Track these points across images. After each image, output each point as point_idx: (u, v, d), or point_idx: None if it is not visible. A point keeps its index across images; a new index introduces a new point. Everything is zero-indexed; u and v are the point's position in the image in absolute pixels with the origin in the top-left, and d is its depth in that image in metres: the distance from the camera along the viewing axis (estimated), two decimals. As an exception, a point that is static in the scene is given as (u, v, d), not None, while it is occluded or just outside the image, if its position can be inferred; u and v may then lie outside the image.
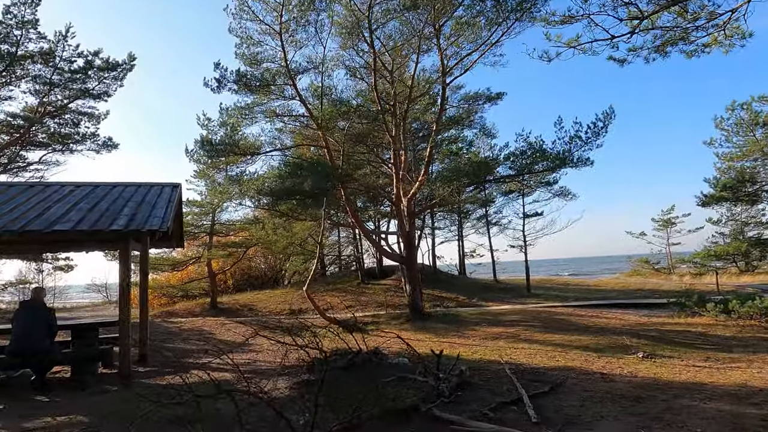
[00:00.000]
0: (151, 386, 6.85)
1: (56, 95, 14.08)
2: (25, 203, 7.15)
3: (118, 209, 7.23)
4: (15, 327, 6.58)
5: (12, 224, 6.22)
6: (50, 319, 6.77)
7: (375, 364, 6.82)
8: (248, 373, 7.50)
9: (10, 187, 8.02)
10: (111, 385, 6.97)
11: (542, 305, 17.07)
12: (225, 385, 6.50)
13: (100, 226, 6.43)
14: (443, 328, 12.17)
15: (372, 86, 12.03)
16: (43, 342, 6.61)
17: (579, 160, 13.19)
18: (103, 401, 6.00)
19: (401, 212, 13.07)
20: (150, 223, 6.73)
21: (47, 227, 6.23)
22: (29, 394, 6.55)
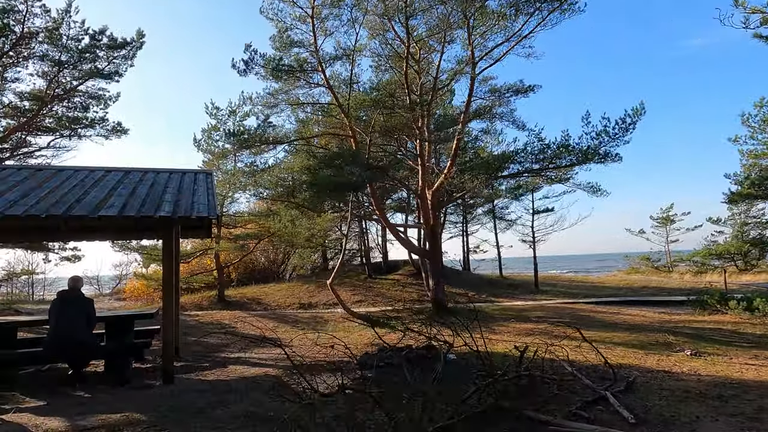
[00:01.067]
0: (194, 382, 6.51)
1: (65, 76, 13.50)
2: (60, 187, 6.73)
3: (158, 195, 6.84)
4: (52, 318, 6.19)
5: (54, 208, 5.81)
6: (89, 310, 6.39)
7: (431, 360, 6.52)
8: (290, 368, 7.18)
9: (38, 170, 7.57)
10: (150, 380, 6.63)
11: (557, 302, 16.97)
12: (274, 383, 6.21)
13: (147, 212, 6.05)
14: (470, 323, 11.93)
15: (403, 75, 11.68)
16: (83, 334, 6.23)
17: (606, 155, 13.02)
18: (152, 398, 5.66)
19: (426, 205, 12.79)
20: (197, 210, 6.37)
21: (92, 212, 5.84)
22: (65, 389, 6.19)
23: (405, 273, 24.55)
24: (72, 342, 6.15)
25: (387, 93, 11.76)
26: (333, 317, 13.75)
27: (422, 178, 12.64)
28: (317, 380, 6.23)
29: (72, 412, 5.11)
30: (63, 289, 6.45)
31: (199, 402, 5.38)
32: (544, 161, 13.16)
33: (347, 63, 11.91)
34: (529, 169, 13.75)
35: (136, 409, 5.15)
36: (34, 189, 6.52)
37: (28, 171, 7.51)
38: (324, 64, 11.38)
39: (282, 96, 11.93)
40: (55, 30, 12.43)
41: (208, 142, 18.92)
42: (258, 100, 12.09)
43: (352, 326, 12.05)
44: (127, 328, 7.24)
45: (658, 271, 36.06)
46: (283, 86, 11.81)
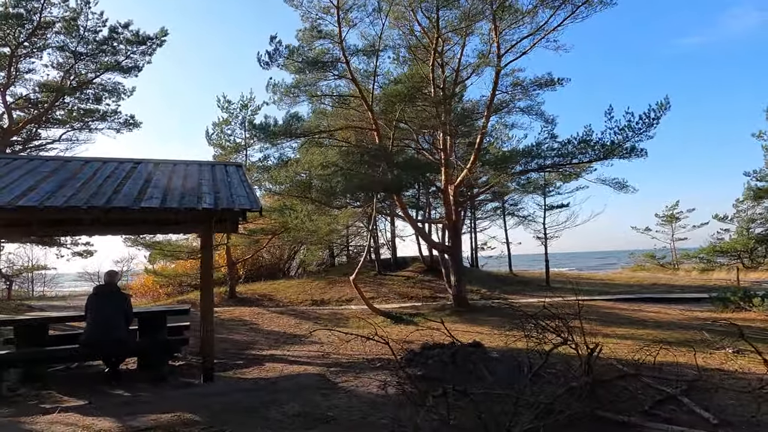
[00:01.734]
0: (235, 381, 6.31)
1: (81, 68, 13.20)
2: (94, 179, 6.48)
3: (195, 187, 6.61)
4: (89, 315, 5.97)
5: (95, 200, 5.58)
6: (126, 306, 6.17)
7: (480, 358, 6.33)
8: (332, 366, 6.98)
9: (67, 162, 7.32)
10: (187, 378, 6.42)
11: (573, 298, 16.77)
12: (321, 382, 6.01)
13: (190, 204, 5.82)
14: (494, 320, 11.77)
15: (429, 67, 11.44)
16: (120, 331, 6.01)
17: (630, 150, 12.84)
18: (197, 397, 5.44)
19: (448, 200, 12.59)
20: (238, 202, 6.14)
21: (133, 204, 5.61)
22: (102, 387, 5.97)
23: (415, 270, 24.35)
24: (110, 339, 5.93)
25: (412, 85, 11.51)
26: (352, 314, 13.55)
27: (445, 173, 12.42)
28: (366, 377, 6.04)
29: (119, 412, 4.89)
30: (99, 284, 6.23)
31: (248, 401, 5.18)
32: (567, 156, 12.98)
33: (371, 55, 11.66)
34: (551, 165, 13.58)
35: (186, 409, 4.93)
36: (69, 180, 6.28)
37: (56, 162, 7.26)
38: (348, 55, 11.13)
39: (304, 88, 11.66)
40: (73, 20, 12.13)
41: (221, 136, 18.66)
42: (280, 93, 11.78)
43: (375, 323, 11.84)
44: (160, 324, 7.02)
45: (664, 268, 36.00)
46: (306, 78, 11.55)
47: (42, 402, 5.43)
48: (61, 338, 6.99)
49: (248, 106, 19.05)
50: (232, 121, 18.95)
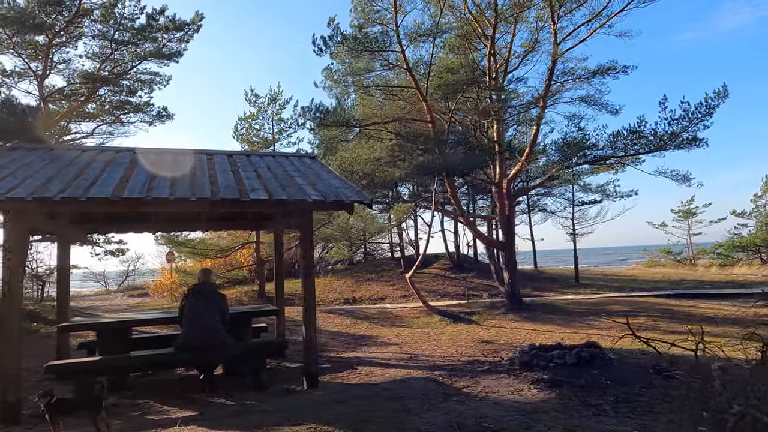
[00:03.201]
0: (340, 386, 5.84)
1: (117, 57, 12.63)
2: (180, 171, 5.99)
3: (288, 179, 6.12)
4: (187, 317, 5.48)
5: (200, 191, 5.09)
6: (223, 307, 5.69)
7: (607, 360, 5.89)
8: (433, 369, 6.53)
9: (137, 153, 6.81)
10: (283, 384, 5.94)
11: (612, 295, 16.35)
12: (442, 387, 5.55)
13: (296, 196, 5.34)
14: (556, 318, 11.35)
15: (486, 55, 10.99)
16: (220, 333, 5.53)
17: (687, 141, 12.43)
18: (314, 405, 4.97)
19: (502, 194, 12.15)
20: (344, 195, 5.66)
21: (241, 196, 5.12)
22: (199, 395, 5.49)
23: (442, 267, 23.96)
24: (210, 343, 5.45)
25: (467, 75, 11.06)
26: (405, 312, 13.12)
27: (499, 165, 11.98)
28: (486, 381, 5.59)
29: (245, 424, 4.42)
30: (195, 284, 5.74)
31: (379, 411, 4.70)
32: (627, 147, 12.55)
33: (426, 41, 11.18)
34: (604, 156, 13.14)
35: (315, 419, 4.46)
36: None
37: (128, 152, 6.75)
38: (402, 43, 10.64)
39: (356, 78, 11.18)
40: (111, 7, 11.57)
41: (249, 131, 18.15)
42: (332, 80, 11.27)
43: (432, 322, 11.42)
44: (246, 326, 6.55)
45: (681, 263, 35.71)
46: (358, 67, 11.06)
47: (146, 413, 4.96)
48: (139, 342, 6.50)
49: (276, 100, 18.58)
50: (260, 116, 18.47)
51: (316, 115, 10.40)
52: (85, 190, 4.73)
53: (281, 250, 7.83)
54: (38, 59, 11.64)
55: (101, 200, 4.60)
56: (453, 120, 11.68)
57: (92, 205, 4.70)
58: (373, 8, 10.55)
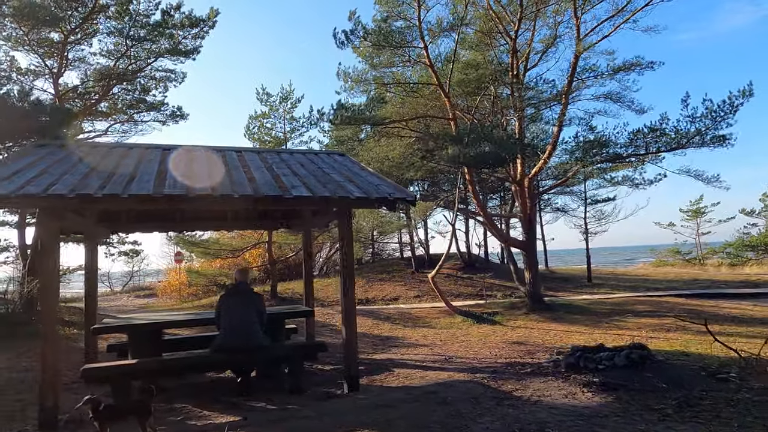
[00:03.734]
0: (381, 389, 5.65)
1: (133, 54, 12.45)
2: (216, 167, 5.82)
3: (323, 176, 5.94)
4: (224, 318, 5.30)
5: (241, 188, 4.91)
6: (261, 308, 5.52)
7: (656, 362, 5.70)
8: (473, 372, 6.34)
9: (166, 150, 6.64)
10: (319, 387, 5.76)
11: (632, 295, 16.14)
12: (490, 391, 5.36)
13: (339, 193, 5.16)
14: (581, 318, 11.16)
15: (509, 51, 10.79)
16: (258, 335, 5.36)
17: (714, 139, 12.23)
18: (361, 410, 4.78)
19: (524, 192, 11.96)
20: (386, 192, 5.47)
21: (283, 193, 4.94)
22: (237, 399, 5.30)
23: (453, 267, 23.77)
24: (249, 345, 5.28)
25: (492, 71, 10.88)
26: (424, 313, 12.93)
27: (521, 162, 11.79)
28: (535, 384, 5.40)
29: (291, 429, 4.25)
30: (231, 284, 5.56)
31: (433, 416, 4.51)
32: (648, 145, 12.35)
33: (448, 35, 10.98)
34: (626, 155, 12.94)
35: (366, 425, 4.28)
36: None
37: (156, 150, 6.57)
38: (426, 38, 10.47)
39: (377, 74, 11.00)
40: (126, 4, 11.39)
41: (261, 130, 17.96)
42: (351, 79, 11.10)
43: (454, 322, 11.24)
44: (280, 327, 6.38)
45: (690, 263, 35.50)
46: (379, 62, 10.88)
47: (187, 418, 4.77)
48: (170, 344, 6.32)
49: (288, 99, 18.38)
50: (271, 115, 18.28)
51: (338, 113, 10.19)
52: (125, 186, 4.55)
53: (310, 250, 7.65)
54: (53, 57, 11.47)
55: (143, 197, 4.42)
56: (474, 117, 11.49)
57: (132, 202, 4.52)
58: (397, 2, 10.38)
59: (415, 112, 11.22)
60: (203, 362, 5.27)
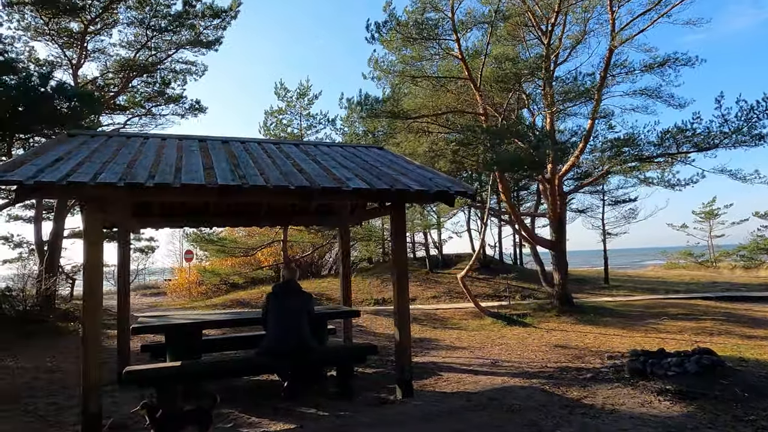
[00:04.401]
0: (436, 395, 5.32)
1: (154, 45, 12.14)
2: (263, 159, 5.50)
3: (372, 169, 5.61)
4: (272, 317, 4.97)
5: (294, 179, 4.58)
6: (311, 307, 5.20)
7: (728, 368, 5.36)
8: (524, 376, 6.01)
9: (202, 141, 6.32)
10: (370, 392, 5.43)
11: (656, 297, 15.74)
12: (557, 399, 5.03)
13: (389, 185, 4.82)
14: (614, 321, 10.82)
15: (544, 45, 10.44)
16: (309, 337, 5.04)
17: (748, 139, 11.88)
18: (427, 418, 4.45)
19: (554, 191, 11.63)
20: (445, 185, 5.14)
21: (341, 185, 4.61)
22: (281, 404, 4.97)
23: (465, 267, 23.42)
24: (299, 347, 4.95)
25: (529, 65, 10.55)
26: (449, 314, 12.60)
27: (552, 160, 11.45)
28: (603, 391, 5.06)
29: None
30: (279, 283, 5.23)
31: (502, 426, 4.19)
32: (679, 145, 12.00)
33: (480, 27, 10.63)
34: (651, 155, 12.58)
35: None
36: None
37: (191, 140, 6.25)
38: (459, 31, 10.14)
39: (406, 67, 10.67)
40: (145, -8, 11.10)
41: (277, 126, 17.66)
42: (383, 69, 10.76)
43: (484, 324, 10.91)
44: (323, 328, 6.06)
45: (702, 266, 35.09)
46: (410, 54, 10.55)
47: (238, 425, 4.45)
48: (207, 345, 6.00)
49: (306, 94, 18.10)
50: (288, 111, 17.99)
51: (366, 106, 9.85)
52: (175, 176, 4.23)
53: (348, 248, 7.32)
54: (73, 47, 11.17)
55: (195, 187, 4.10)
56: (504, 113, 11.16)
57: (183, 192, 4.21)
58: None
59: (445, 106, 10.90)
60: (253, 365, 4.95)
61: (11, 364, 7.17)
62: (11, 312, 9.99)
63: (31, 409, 5.00)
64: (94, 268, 4.24)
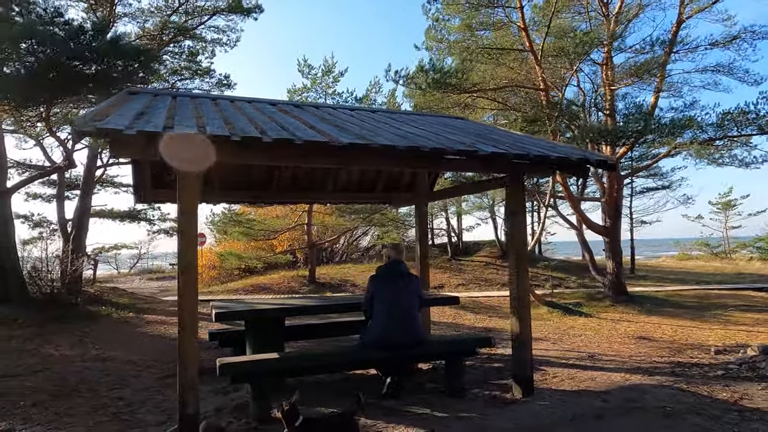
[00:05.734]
0: (557, 394, 4.67)
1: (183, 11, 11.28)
2: (368, 122, 4.81)
3: (476, 135, 4.91)
4: (379, 305, 4.29)
5: (420, 140, 3.88)
6: (421, 293, 4.53)
7: None
8: (634, 371, 5.39)
9: (272, 104, 5.60)
10: (477, 389, 4.78)
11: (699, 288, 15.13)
12: (683, 395, 4.41)
13: (534, 152, 4.13)
14: (677, 312, 10.23)
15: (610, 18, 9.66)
16: (421, 326, 4.38)
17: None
18: (570, 420, 3.81)
19: (612, 174, 10.95)
20: (580, 154, 4.45)
21: (477, 149, 3.91)
22: (389, 403, 4.32)
23: (489, 254, 22.96)
24: (412, 339, 4.29)
25: (590, 38, 9.80)
26: (496, 302, 11.98)
27: (611, 141, 10.75)
28: (753, 393, 4.44)
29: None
30: (385, 264, 4.52)
31: None
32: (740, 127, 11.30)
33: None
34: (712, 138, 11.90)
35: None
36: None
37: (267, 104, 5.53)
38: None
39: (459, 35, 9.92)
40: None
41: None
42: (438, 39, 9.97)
43: (540, 313, 10.27)
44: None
45: (716, 256, 34.66)
46: (468, 23, 9.78)
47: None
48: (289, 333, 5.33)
49: (331, 71, 17.23)
50: (314, 89, 17.12)
51: (434, 76, 9.04)
52: (291, 133, 3.51)
53: (426, 228, 6.64)
54: (103, 7, 10.29)
55: (319, 144, 3.39)
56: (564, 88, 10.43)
57: (300, 152, 3.51)
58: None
59: (506, 80, 10.16)
60: (362, 359, 4.29)
61: (54, 353, 6.50)
62: (38, 295, 9.29)
63: (99, 406, 4.33)
64: (190, 242, 3.55)
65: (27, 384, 4.99)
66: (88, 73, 6.81)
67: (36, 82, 6.46)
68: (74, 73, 6.65)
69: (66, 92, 7.13)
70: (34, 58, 6.43)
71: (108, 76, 7.16)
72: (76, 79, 6.76)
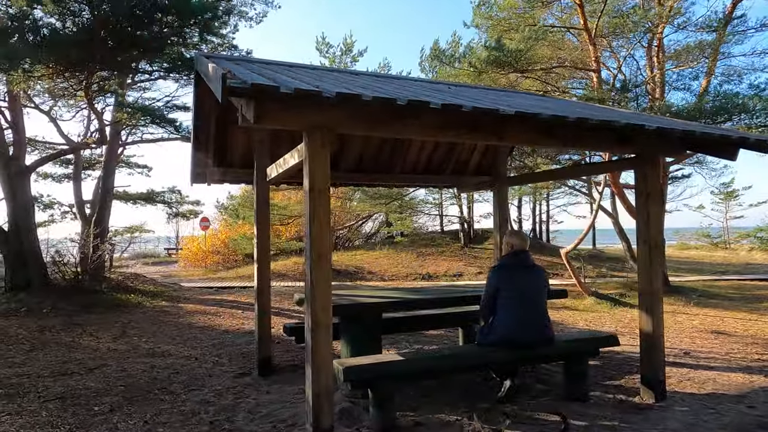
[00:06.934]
0: (681, 398, 4.25)
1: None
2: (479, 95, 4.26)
3: (586, 111, 4.42)
4: (506, 300, 3.79)
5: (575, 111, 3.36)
6: (548, 286, 4.05)
7: None
8: (752, 372, 5.01)
9: (429, 82, 5.00)
10: (605, 394, 4.32)
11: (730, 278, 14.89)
12: None
13: (700, 130, 3.64)
14: (727, 304, 9.86)
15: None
16: (550, 324, 3.92)
17: None
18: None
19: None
20: (735, 132, 3.99)
21: (645, 123, 3.41)
22: (510, 409, 3.86)
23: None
24: (542, 338, 3.83)
25: (652, 16, 9.29)
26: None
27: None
28: None
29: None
30: (510, 253, 4.01)
31: None
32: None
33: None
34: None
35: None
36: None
37: (401, 80, 4.95)
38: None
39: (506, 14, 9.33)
40: None
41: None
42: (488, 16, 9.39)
43: (586, 304, 9.92)
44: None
45: (716, 247, 34.86)
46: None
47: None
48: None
49: (350, 50, 16.59)
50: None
51: (494, 54, 8.44)
52: (451, 101, 2.96)
53: (507, 214, 6.15)
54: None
55: (454, 107, 2.83)
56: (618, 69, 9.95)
57: (437, 118, 3.01)
58: None
59: (556, 59, 9.63)
60: (489, 360, 3.81)
61: (100, 346, 5.91)
62: (61, 281, 8.64)
63: (188, 412, 3.80)
64: (323, 227, 3.01)
65: (90, 384, 4.44)
66: (141, 36, 6.12)
67: (85, 44, 5.75)
68: (128, 35, 5.97)
69: (116, 56, 6.41)
70: (91, 15, 5.70)
71: (160, 40, 6.45)
72: (129, 41, 6.07)
